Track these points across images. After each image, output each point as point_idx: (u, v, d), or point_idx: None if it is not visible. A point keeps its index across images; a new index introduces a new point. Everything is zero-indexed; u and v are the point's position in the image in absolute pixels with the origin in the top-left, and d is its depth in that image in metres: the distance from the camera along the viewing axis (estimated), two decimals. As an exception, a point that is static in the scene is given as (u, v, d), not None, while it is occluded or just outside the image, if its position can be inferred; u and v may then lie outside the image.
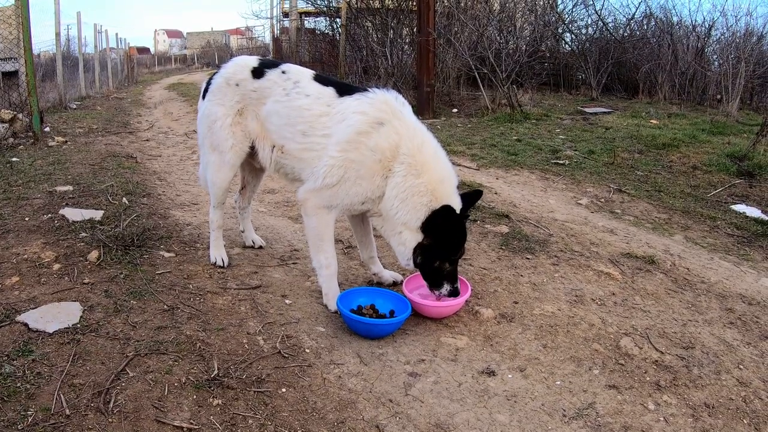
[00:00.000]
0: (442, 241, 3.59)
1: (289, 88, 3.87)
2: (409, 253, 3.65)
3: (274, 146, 3.98)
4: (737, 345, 3.62)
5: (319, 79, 3.92)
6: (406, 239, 3.64)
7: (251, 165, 4.46)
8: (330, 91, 3.80)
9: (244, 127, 4.07)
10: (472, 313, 3.86)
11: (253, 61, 4.15)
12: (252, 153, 4.16)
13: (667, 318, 3.91)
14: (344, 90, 3.80)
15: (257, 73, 4.03)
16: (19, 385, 2.77)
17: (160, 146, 9.78)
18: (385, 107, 3.64)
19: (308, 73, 3.98)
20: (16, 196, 5.61)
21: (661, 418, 2.94)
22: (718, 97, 13.73)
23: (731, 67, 12.88)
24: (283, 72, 3.98)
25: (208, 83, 4.23)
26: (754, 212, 6.35)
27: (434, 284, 3.72)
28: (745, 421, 2.95)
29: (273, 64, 4.10)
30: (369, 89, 3.76)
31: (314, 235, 3.81)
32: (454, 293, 3.70)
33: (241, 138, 4.08)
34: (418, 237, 3.60)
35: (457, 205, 3.59)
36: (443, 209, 3.52)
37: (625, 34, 17.51)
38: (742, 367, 3.39)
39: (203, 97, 4.25)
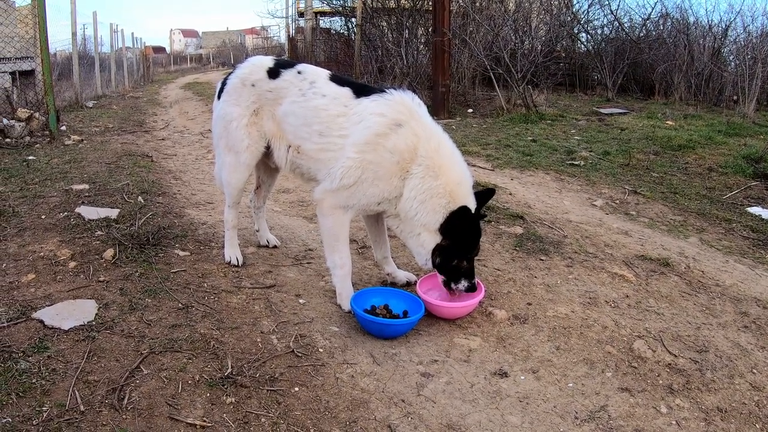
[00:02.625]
0: (460, 241, 3.62)
1: (306, 89, 3.88)
2: (428, 254, 3.67)
3: (290, 146, 3.99)
4: (751, 349, 3.59)
5: (336, 79, 3.92)
6: (425, 241, 3.66)
7: (266, 165, 4.47)
8: (346, 91, 3.80)
9: (259, 128, 4.08)
10: (485, 314, 3.86)
11: (269, 61, 4.15)
12: (267, 153, 4.17)
13: (680, 321, 3.89)
14: (361, 90, 3.80)
15: (273, 73, 4.03)
16: (34, 381, 2.80)
17: (175, 145, 9.84)
18: (403, 108, 3.64)
19: (324, 73, 3.98)
20: (32, 194, 5.67)
21: (674, 422, 2.92)
22: (735, 98, 13.63)
23: (748, 68, 12.81)
24: (299, 72, 3.98)
25: (224, 83, 4.23)
26: (770, 215, 6.31)
27: (452, 281, 3.74)
28: (758, 426, 2.93)
29: (289, 65, 4.10)
30: (385, 90, 3.75)
31: (329, 235, 3.82)
32: (472, 289, 3.73)
33: (257, 138, 4.09)
34: (437, 238, 3.63)
35: (472, 205, 3.61)
36: (461, 210, 3.54)
37: (641, 34, 17.45)
38: (755, 371, 3.36)
39: (218, 97, 4.25)
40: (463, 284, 3.71)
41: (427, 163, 3.55)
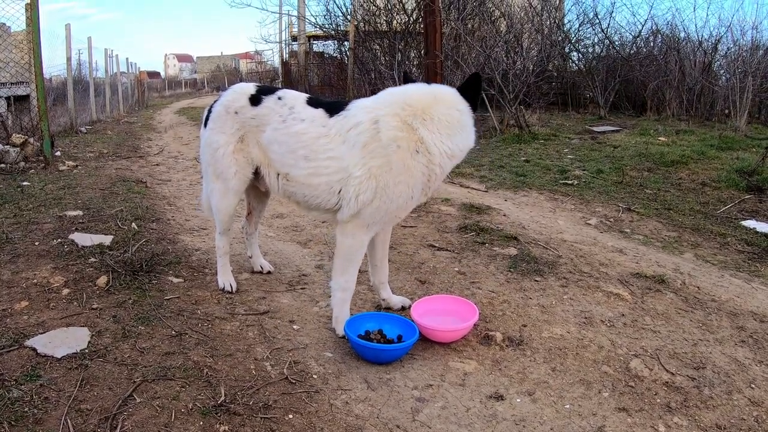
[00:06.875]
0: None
1: (286, 115, 3.88)
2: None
3: (278, 174, 3.98)
4: (749, 364, 3.58)
5: (311, 102, 3.93)
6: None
7: (256, 190, 4.47)
8: (321, 112, 3.80)
9: (246, 154, 4.08)
10: (480, 336, 3.84)
11: (251, 88, 4.15)
12: (257, 177, 4.18)
13: (677, 338, 3.87)
14: (332, 109, 3.80)
15: (255, 100, 4.03)
16: (26, 409, 2.78)
17: (169, 171, 9.85)
18: (368, 106, 3.66)
19: (302, 97, 3.99)
20: (26, 221, 5.66)
21: (672, 442, 2.90)
22: (726, 112, 13.71)
23: (739, 82, 12.86)
24: (280, 98, 3.98)
25: (209, 111, 4.25)
26: (764, 227, 6.31)
27: None
28: (758, 444, 2.92)
29: (270, 91, 4.10)
30: (349, 104, 3.79)
31: (345, 255, 3.74)
32: None
33: (244, 164, 4.09)
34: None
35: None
36: (462, 87, 3.64)
37: (632, 51, 17.57)
38: (754, 386, 3.34)
39: (205, 125, 4.27)
40: None
41: (421, 117, 3.54)
